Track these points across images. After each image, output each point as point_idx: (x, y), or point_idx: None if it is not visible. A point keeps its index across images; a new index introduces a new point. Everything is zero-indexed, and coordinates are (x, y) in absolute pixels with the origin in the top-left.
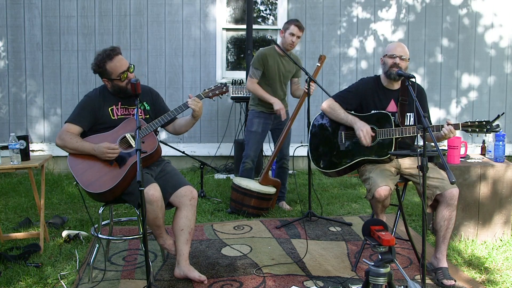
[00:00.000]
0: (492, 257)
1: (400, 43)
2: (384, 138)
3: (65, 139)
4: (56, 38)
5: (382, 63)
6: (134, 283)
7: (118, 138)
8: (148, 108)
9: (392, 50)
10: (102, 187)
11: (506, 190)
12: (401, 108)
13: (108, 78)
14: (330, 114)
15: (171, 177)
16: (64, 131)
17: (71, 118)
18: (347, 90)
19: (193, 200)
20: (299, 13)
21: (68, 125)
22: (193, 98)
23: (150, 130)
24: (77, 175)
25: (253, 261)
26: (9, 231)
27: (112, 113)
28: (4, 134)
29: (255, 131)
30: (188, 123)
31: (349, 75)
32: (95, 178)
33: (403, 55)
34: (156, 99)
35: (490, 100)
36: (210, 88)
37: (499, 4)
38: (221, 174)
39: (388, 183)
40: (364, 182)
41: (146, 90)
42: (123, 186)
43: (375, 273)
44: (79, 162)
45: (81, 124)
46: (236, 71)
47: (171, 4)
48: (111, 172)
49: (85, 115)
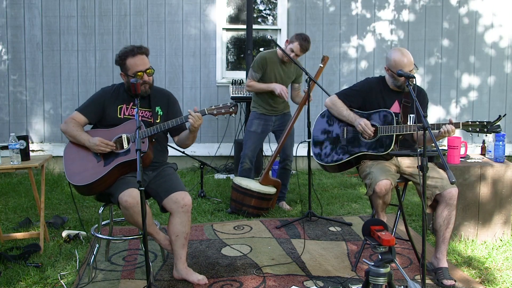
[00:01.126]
0: (492, 257)
1: (405, 54)
2: (385, 134)
3: (68, 125)
4: (56, 38)
5: (390, 76)
6: (134, 283)
7: (114, 137)
8: (160, 113)
9: (403, 67)
10: (81, 181)
11: (506, 190)
12: (404, 110)
13: (125, 72)
14: (333, 110)
15: (165, 182)
16: (70, 118)
17: (81, 107)
18: (351, 88)
19: (186, 207)
20: (299, 13)
21: (76, 113)
22: (195, 114)
23: (145, 135)
24: (66, 164)
25: (253, 261)
26: (9, 231)
27: (120, 111)
28: (4, 134)
29: (254, 131)
30: (188, 137)
31: (349, 75)
32: (78, 171)
33: (411, 68)
34: (172, 106)
35: (490, 100)
36: (218, 105)
37: (499, 4)
38: (221, 174)
39: (388, 177)
40: (364, 178)
41: (164, 94)
42: (102, 185)
43: (375, 273)
44: (73, 151)
45: (88, 116)
46: (236, 71)
47: (171, 4)
48: (94, 169)
49: (93, 108)
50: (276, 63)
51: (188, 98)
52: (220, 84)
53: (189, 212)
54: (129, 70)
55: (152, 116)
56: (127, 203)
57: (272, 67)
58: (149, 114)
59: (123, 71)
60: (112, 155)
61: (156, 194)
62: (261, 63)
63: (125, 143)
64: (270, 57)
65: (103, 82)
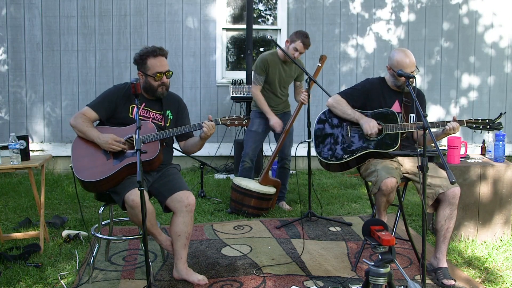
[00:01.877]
0: (492, 257)
1: (408, 55)
2: (390, 132)
3: (77, 120)
4: (56, 38)
5: (392, 75)
6: (134, 283)
7: (125, 136)
8: (171, 117)
9: (403, 67)
10: (90, 177)
11: (506, 190)
12: (405, 109)
13: (144, 72)
14: (336, 109)
15: (168, 181)
16: (81, 113)
17: (92, 103)
18: (353, 87)
19: (189, 207)
20: (299, 13)
21: (87, 109)
22: (209, 123)
23: (156, 138)
24: (74, 158)
25: (253, 261)
26: (9, 231)
27: (131, 111)
28: (4, 134)
29: (255, 130)
30: (196, 144)
31: (349, 75)
32: (87, 167)
33: (413, 69)
34: (182, 112)
35: (490, 100)
36: (231, 116)
37: (499, 4)
38: (221, 174)
39: (394, 175)
40: (369, 176)
41: (175, 98)
42: (109, 183)
43: (375, 273)
44: (82, 147)
45: (99, 112)
46: (236, 71)
47: (171, 4)
48: (103, 166)
49: (105, 104)
50: (277, 63)
51: (188, 98)
52: (220, 84)
53: (192, 212)
54: (149, 70)
55: (163, 119)
56: (134, 202)
57: (274, 68)
58: (159, 117)
59: (142, 70)
60: (122, 154)
61: (160, 193)
62: (263, 66)
63: None
64: (271, 59)
65: (103, 82)
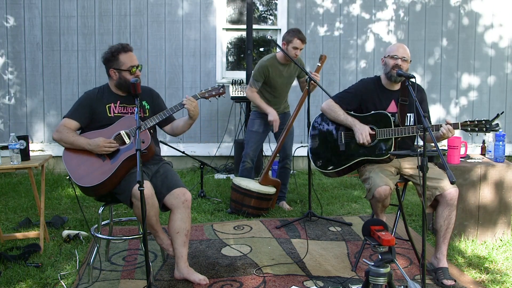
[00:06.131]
0: (492, 257)
1: (401, 44)
2: (383, 138)
3: (61, 133)
4: (56, 38)
5: (384, 63)
6: (134, 283)
7: (113, 135)
8: (147, 107)
9: (393, 51)
10: (93, 181)
11: (506, 190)
12: (401, 109)
13: (117, 68)
14: (329, 115)
15: (166, 178)
16: (62, 125)
17: (69, 113)
18: (346, 91)
19: (186, 203)
20: (299, 13)
21: (66, 120)
22: (188, 98)
23: (145, 128)
24: (71, 169)
25: (253, 261)
26: (9, 231)
27: (109, 110)
28: (4, 134)
29: (256, 131)
30: (185, 124)
31: (349, 75)
32: (86, 173)
33: (405, 57)
34: (156, 99)
35: (490, 100)
36: (207, 89)
37: (499, 4)
38: (221, 174)
39: (388, 182)
40: (364, 182)
41: (146, 89)
42: (113, 182)
43: (375, 273)
44: (74, 157)
45: (79, 120)
46: (236, 71)
47: (171, 4)
48: (102, 167)
49: (82, 111)
50: (277, 67)
51: None
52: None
53: (189, 208)
54: (123, 65)
55: (141, 111)
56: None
57: (274, 72)
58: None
59: (115, 67)
60: (117, 151)
61: (158, 191)
62: (263, 72)
63: (126, 138)
64: (271, 64)
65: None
